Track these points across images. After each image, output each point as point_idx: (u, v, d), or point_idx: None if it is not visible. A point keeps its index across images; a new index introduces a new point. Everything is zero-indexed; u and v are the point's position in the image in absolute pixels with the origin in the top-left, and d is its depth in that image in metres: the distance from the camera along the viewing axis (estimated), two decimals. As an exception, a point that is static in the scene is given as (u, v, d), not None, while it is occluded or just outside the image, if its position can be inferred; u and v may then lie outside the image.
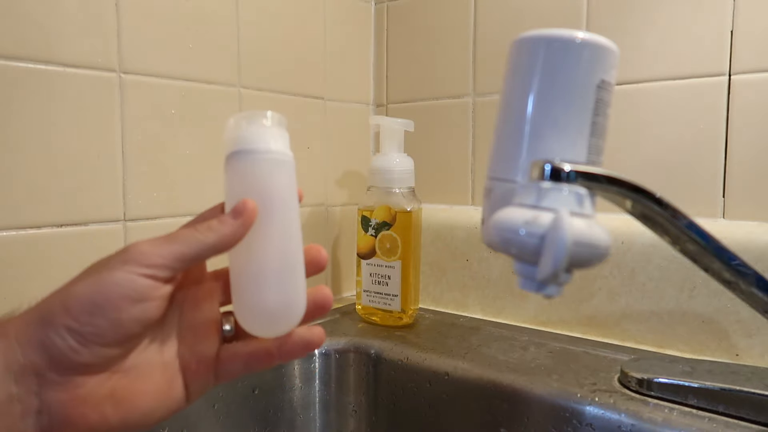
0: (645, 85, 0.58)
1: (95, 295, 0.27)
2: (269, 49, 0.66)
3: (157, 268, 0.28)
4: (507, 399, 0.49)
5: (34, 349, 0.26)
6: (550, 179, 0.28)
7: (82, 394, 0.27)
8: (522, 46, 0.31)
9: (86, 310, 0.26)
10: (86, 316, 0.26)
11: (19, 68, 0.46)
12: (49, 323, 0.26)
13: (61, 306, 0.27)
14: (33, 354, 0.26)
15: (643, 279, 0.57)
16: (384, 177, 0.63)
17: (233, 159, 0.30)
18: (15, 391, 0.26)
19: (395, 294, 0.63)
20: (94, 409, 0.27)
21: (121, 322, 0.27)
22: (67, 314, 0.26)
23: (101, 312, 0.26)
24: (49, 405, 0.26)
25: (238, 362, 0.32)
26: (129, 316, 0.27)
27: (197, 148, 0.59)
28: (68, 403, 0.27)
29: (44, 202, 0.48)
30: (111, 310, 0.27)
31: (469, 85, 0.71)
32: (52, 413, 0.26)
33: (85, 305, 0.26)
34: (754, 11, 0.53)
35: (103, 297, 0.27)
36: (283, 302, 0.31)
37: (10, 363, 0.26)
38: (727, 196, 0.55)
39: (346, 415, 0.59)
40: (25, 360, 0.26)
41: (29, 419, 0.26)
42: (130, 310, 0.27)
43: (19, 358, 0.26)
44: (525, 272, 0.29)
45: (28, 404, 0.26)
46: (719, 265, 0.34)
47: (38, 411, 0.26)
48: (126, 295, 0.27)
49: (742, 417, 0.41)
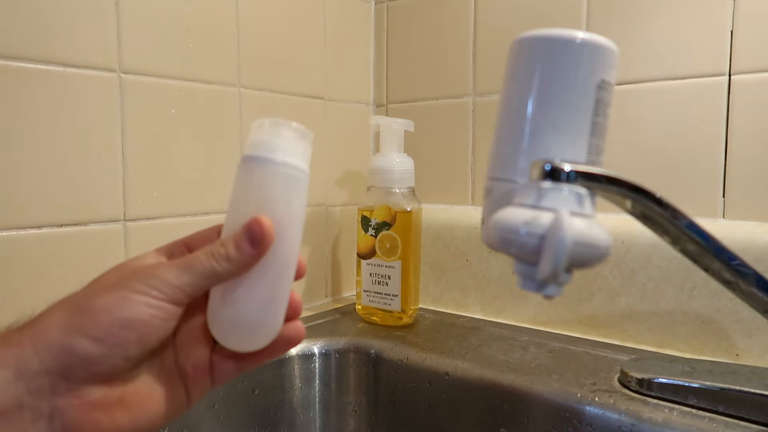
0: (645, 85, 0.58)
1: (125, 311, 0.27)
2: (269, 50, 0.66)
3: (176, 296, 0.29)
4: (507, 399, 0.49)
5: (54, 355, 0.26)
6: (550, 179, 0.28)
7: (94, 400, 0.27)
8: (522, 46, 0.31)
9: (117, 323, 0.27)
10: (116, 329, 0.27)
11: (20, 68, 0.46)
12: (75, 331, 0.27)
13: (88, 316, 0.27)
14: (50, 360, 0.26)
15: (643, 279, 0.57)
16: (384, 177, 0.63)
17: (250, 163, 0.30)
18: (27, 397, 0.26)
19: (395, 294, 0.63)
20: (105, 415, 0.28)
21: (147, 337, 0.28)
22: (96, 325, 0.27)
23: (131, 327, 0.27)
24: (61, 411, 0.27)
25: (230, 363, 0.33)
26: (154, 333, 0.28)
27: (197, 148, 0.59)
28: (80, 409, 0.27)
29: (44, 202, 0.48)
30: (140, 326, 0.28)
31: (469, 85, 0.71)
32: (65, 419, 0.27)
33: (115, 319, 0.27)
34: (754, 11, 0.53)
35: (134, 314, 0.27)
36: (265, 322, 0.31)
37: (24, 370, 0.26)
38: (727, 196, 0.55)
39: (346, 415, 0.59)
40: (40, 366, 0.26)
41: (40, 424, 0.26)
42: (156, 328, 0.28)
43: (35, 364, 0.26)
44: (525, 272, 0.29)
45: (39, 410, 0.26)
46: (719, 265, 0.34)
47: (50, 417, 0.27)
48: (154, 315, 0.28)
49: (742, 417, 0.41)
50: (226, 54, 0.61)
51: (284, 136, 0.30)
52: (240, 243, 0.29)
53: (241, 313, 0.30)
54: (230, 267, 0.29)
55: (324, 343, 0.59)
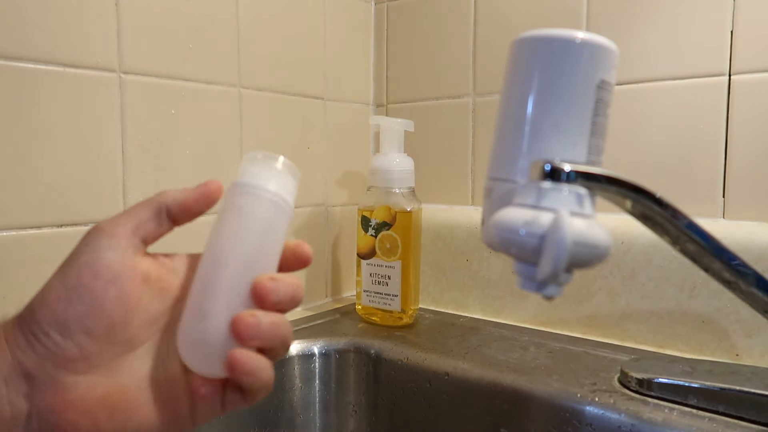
0: (645, 85, 0.58)
1: (68, 281, 0.26)
2: (269, 50, 0.66)
3: (119, 239, 0.27)
4: (507, 399, 0.49)
5: (22, 350, 0.26)
6: (550, 179, 0.28)
7: (73, 398, 0.26)
8: (522, 46, 0.31)
9: (62, 298, 0.26)
10: (63, 304, 0.26)
11: (20, 68, 0.46)
12: (32, 320, 0.26)
13: (39, 301, 0.26)
14: (22, 355, 0.26)
15: (643, 279, 0.57)
16: (384, 177, 0.63)
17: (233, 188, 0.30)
18: (5, 393, 0.25)
19: (395, 294, 0.63)
20: (85, 416, 0.26)
21: (99, 304, 0.26)
22: (46, 307, 0.26)
23: (77, 297, 0.26)
24: (39, 409, 0.26)
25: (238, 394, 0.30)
26: (107, 297, 0.26)
27: (197, 148, 0.59)
28: (58, 407, 0.26)
29: (44, 202, 0.48)
30: (85, 292, 0.26)
31: (469, 85, 0.71)
32: (42, 418, 0.26)
33: (60, 293, 0.26)
34: (754, 11, 0.53)
35: (76, 281, 0.26)
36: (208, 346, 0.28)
37: (1, 365, 0.26)
38: (727, 196, 0.55)
39: (346, 415, 0.59)
40: (14, 362, 0.26)
41: (19, 423, 0.26)
42: (107, 290, 0.26)
43: (9, 360, 0.26)
44: (525, 272, 0.29)
45: (18, 408, 0.26)
46: (719, 265, 0.34)
47: (28, 416, 0.26)
48: (96, 273, 0.26)
49: (742, 417, 0.41)
50: (226, 54, 0.61)
51: (270, 168, 0.30)
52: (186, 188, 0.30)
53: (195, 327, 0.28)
54: (174, 195, 0.29)
55: (324, 343, 0.59)
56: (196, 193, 0.30)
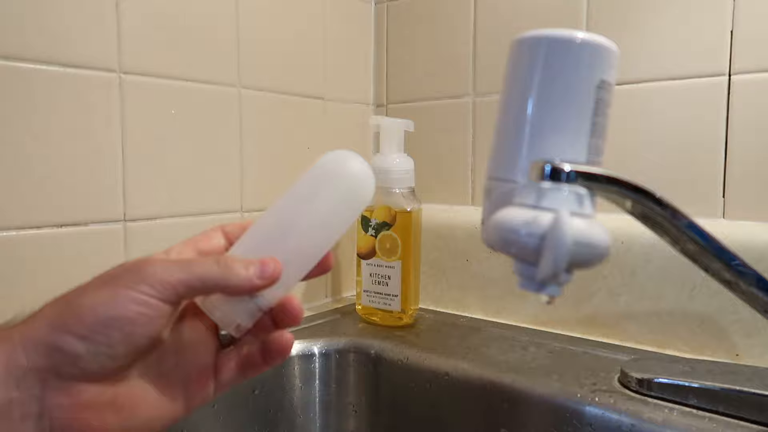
0: (645, 85, 0.58)
1: (111, 309, 0.27)
2: (269, 50, 0.66)
3: (166, 292, 0.28)
4: (507, 399, 0.49)
5: (41, 353, 0.26)
6: (550, 179, 0.28)
7: (84, 400, 0.27)
8: (522, 47, 0.31)
9: (101, 322, 0.27)
10: (101, 327, 0.27)
11: (20, 68, 0.46)
12: (61, 329, 0.27)
13: (73, 314, 0.27)
14: (38, 358, 0.26)
15: (643, 279, 0.57)
16: (384, 177, 0.63)
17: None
18: (16, 395, 0.26)
19: (395, 294, 0.63)
20: (95, 416, 0.27)
21: (133, 336, 0.27)
22: (81, 323, 0.27)
23: (117, 325, 0.27)
24: (51, 410, 0.26)
25: (234, 368, 0.33)
26: (142, 332, 0.28)
27: (197, 148, 0.59)
28: (70, 409, 0.27)
29: (44, 202, 0.48)
30: (126, 323, 0.27)
31: (469, 85, 0.71)
32: (53, 418, 0.27)
33: (100, 316, 0.27)
34: (754, 11, 0.53)
35: (119, 311, 0.27)
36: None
37: (12, 367, 0.26)
38: (727, 196, 0.55)
39: (346, 415, 0.59)
40: (29, 363, 0.26)
41: (29, 423, 0.26)
42: (144, 326, 0.28)
43: (23, 362, 0.26)
44: (525, 272, 0.29)
45: (28, 408, 0.26)
46: (719, 265, 0.34)
47: (39, 415, 0.26)
48: (142, 313, 0.27)
49: (742, 417, 0.41)
50: (226, 54, 0.61)
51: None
52: (250, 264, 0.29)
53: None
54: (227, 278, 0.29)
55: (324, 343, 0.59)
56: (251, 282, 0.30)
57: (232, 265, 0.29)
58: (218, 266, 0.29)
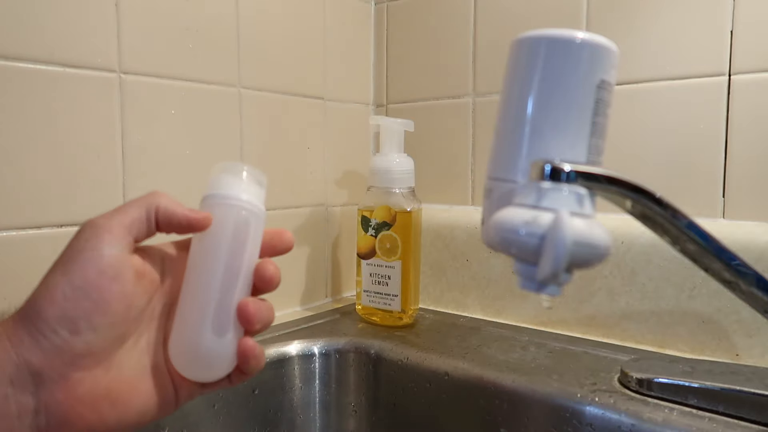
0: (645, 85, 0.58)
1: (73, 278, 0.27)
2: (269, 50, 0.66)
3: (117, 236, 0.28)
4: (507, 399, 0.49)
5: (28, 347, 0.26)
6: (550, 179, 0.28)
7: (80, 393, 0.27)
8: (522, 47, 0.31)
9: (69, 295, 0.27)
10: (71, 301, 0.27)
11: (20, 68, 0.46)
12: (38, 317, 0.27)
13: (45, 298, 0.27)
14: (27, 353, 0.26)
15: (643, 279, 0.57)
16: (384, 177, 0.63)
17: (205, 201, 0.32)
18: (10, 392, 0.26)
19: (395, 294, 0.63)
20: (91, 409, 0.27)
21: (105, 301, 0.27)
22: (53, 304, 0.27)
23: (84, 294, 0.27)
24: (47, 405, 0.26)
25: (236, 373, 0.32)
26: (111, 294, 0.28)
27: (197, 148, 0.59)
28: (65, 403, 0.27)
29: (44, 202, 0.48)
30: (93, 290, 0.27)
31: (469, 85, 0.71)
32: (50, 413, 0.27)
33: (66, 290, 0.27)
34: (754, 12, 0.53)
35: (81, 278, 0.27)
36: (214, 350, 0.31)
37: (5, 364, 0.26)
38: (727, 196, 0.55)
39: (346, 415, 0.59)
40: (19, 360, 0.26)
41: (26, 419, 0.26)
42: (111, 287, 0.28)
43: (14, 358, 0.26)
44: (525, 272, 0.29)
45: (24, 404, 0.26)
46: (719, 265, 0.34)
47: (35, 411, 0.26)
48: (101, 271, 0.27)
49: (742, 417, 0.41)
50: (226, 54, 0.61)
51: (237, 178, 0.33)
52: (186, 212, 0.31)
53: (194, 338, 0.30)
54: (166, 201, 0.30)
55: (324, 343, 0.59)
56: (184, 216, 0.31)
57: (163, 195, 0.31)
58: (152, 196, 0.30)
